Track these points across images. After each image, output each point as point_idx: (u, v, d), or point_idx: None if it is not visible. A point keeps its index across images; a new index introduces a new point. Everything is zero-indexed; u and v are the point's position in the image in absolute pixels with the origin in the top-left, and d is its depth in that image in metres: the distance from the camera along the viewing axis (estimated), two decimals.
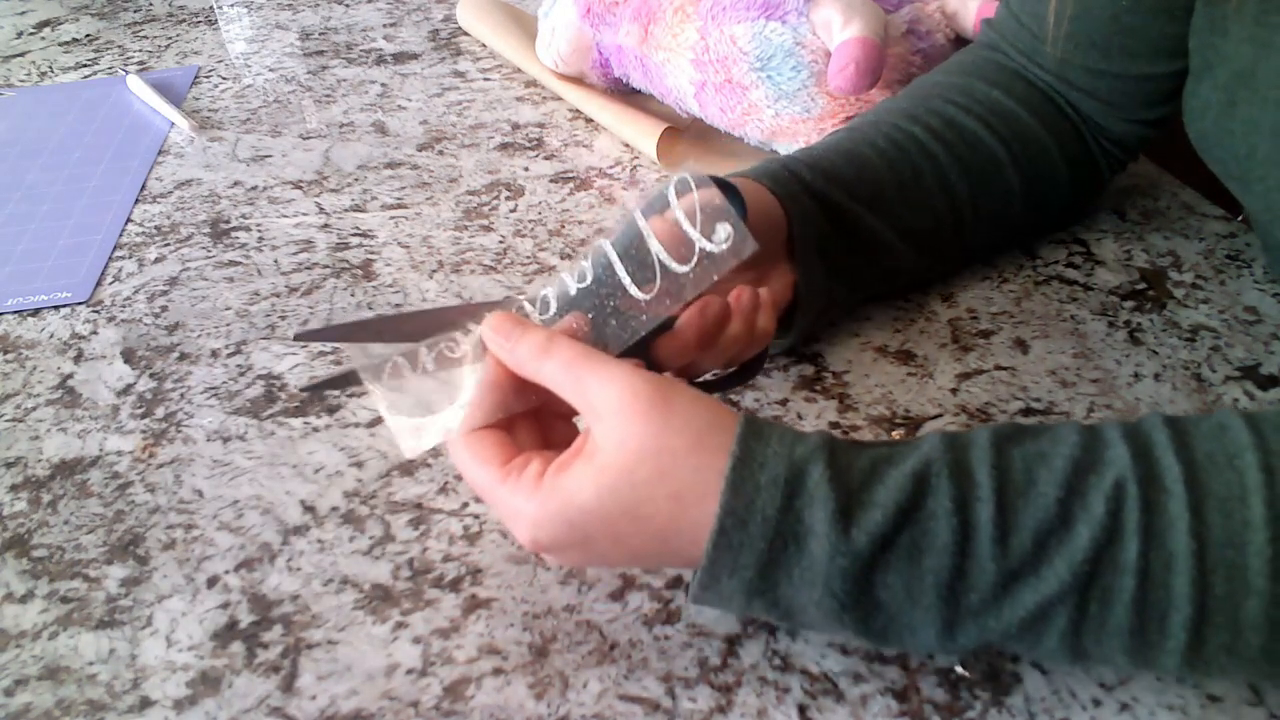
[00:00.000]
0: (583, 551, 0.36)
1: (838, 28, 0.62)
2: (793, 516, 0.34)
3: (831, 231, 0.51)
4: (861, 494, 0.34)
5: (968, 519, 0.33)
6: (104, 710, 0.39)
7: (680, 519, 0.34)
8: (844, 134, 0.57)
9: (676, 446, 0.34)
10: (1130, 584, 0.33)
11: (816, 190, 0.51)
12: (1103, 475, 0.34)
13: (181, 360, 0.56)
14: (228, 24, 0.99)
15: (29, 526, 0.47)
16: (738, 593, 0.35)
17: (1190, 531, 0.32)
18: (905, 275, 0.57)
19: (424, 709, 0.39)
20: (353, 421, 0.52)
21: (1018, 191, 0.57)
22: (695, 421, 0.35)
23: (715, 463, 0.34)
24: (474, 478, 0.38)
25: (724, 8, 0.67)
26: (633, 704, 0.38)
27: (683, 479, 0.34)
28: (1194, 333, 0.55)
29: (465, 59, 0.89)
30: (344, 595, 0.43)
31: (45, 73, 0.91)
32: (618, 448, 0.34)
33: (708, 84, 0.68)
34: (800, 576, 0.34)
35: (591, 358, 0.36)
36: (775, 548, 0.34)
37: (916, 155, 0.55)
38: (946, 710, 0.38)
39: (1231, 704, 0.38)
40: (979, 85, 0.59)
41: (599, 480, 0.35)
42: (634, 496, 0.34)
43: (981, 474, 0.34)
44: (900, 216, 0.54)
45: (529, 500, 0.36)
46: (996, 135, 0.57)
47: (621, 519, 0.35)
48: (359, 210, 0.69)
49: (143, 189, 0.72)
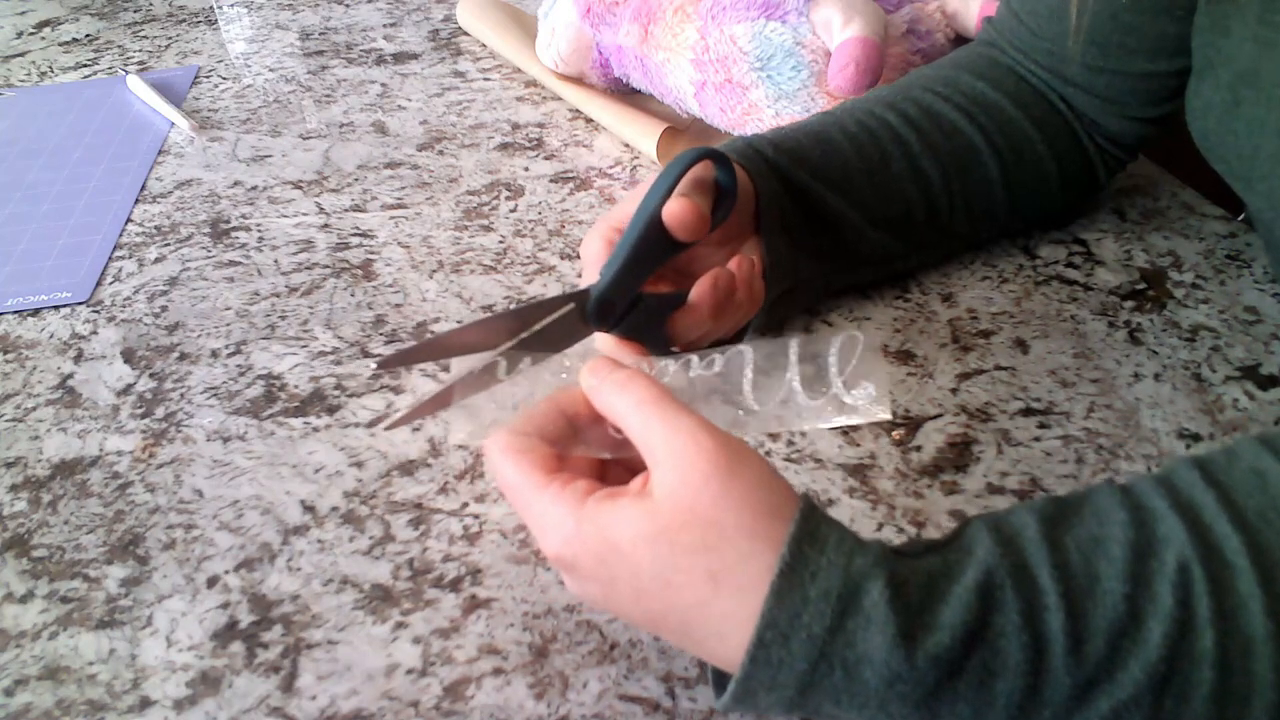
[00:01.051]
0: (603, 591, 0.34)
1: (838, 27, 0.62)
2: (843, 639, 0.30)
3: (795, 209, 0.52)
4: (924, 615, 0.30)
5: (1039, 631, 0.30)
6: (104, 710, 0.39)
7: (710, 604, 0.32)
8: (815, 118, 0.57)
9: (728, 524, 0.32)
10: (1209, 676, 0.30)
11: (779, 168, 0.52)
12: (1164, 559, 0.31)
13: (181, 360, 0.56)
14: (228, 24, 0.99)
15: (29, 526, 0.47)
16: (776, 707, 0.32)
17: (1266, 611, 0.30)
18: (880, 260, 0.57)
19: (424, 709, 0.39)
20: (353, 421, 0.52)
21: (999, 181, 0.58)
22: (755, 502, 0.32)
23: (764, 556, 0.31)
24: (511, 480, 0.35)
25: (724, 8, 0.67)
26: (633, 704, 0.38)
27: (726, 561, 0.31)
28: (1194, 333, 0.55)
29: (465, 59, 0.89)
30: (344, 595, 0.43)
31: (45, 73, 0.91)
32: (670, 500, 0.32)
33: (708, 84, 0.68)
34: (850, 702, 0.31)
35: (665, 402, 0.34)
36: (820, 670, 0.31)
37: (887, 140, 0.55)
38: None
39: None
40: (965, 77, 0.59)
41: (641, 527, 0.32)
42: (670, 559, 0.32)
43: (1044, 577, 0.31)
44: (867, 200, 0.54)
45: (569, 515, 0.33)
46: (976, 124, 0.57)
47: (651, 578, 0.32)
48: (359, 210, 0.69)
49: (143, 189, 0.72)
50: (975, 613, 0.30)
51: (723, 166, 0.47)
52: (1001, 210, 0.59)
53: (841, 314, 0.57)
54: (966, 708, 0.31)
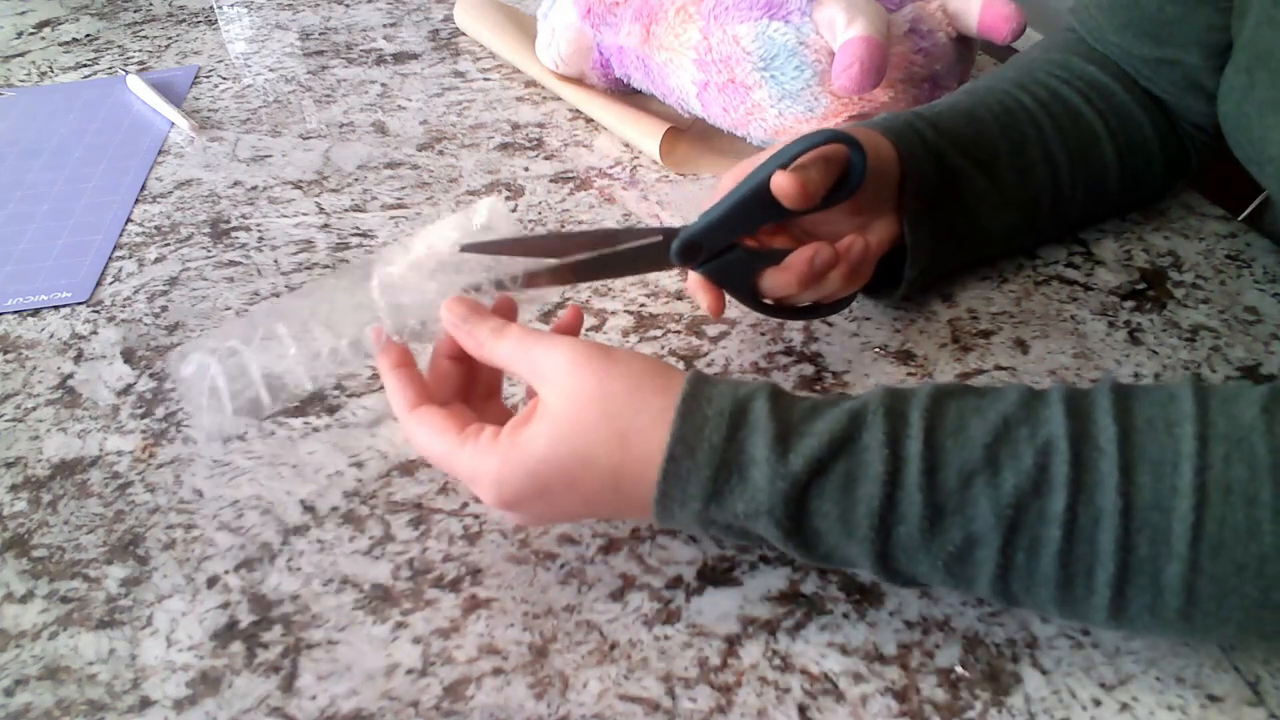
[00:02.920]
0: (545, 503, 0.39)
1: (841, 27, 0.62)
2: (735, 446, 0.36)
3: (943, 188, 0.53)
4: (800, 425, 0.36)
5: (898, 452, 0.35)
6: (104, 710, 0.39)
7: (626, 458, 0.37)
8: (962, 95, 0.58)
9: (618, 390, 0.37)
10: (1056, 535, 0.34)
11: (935, 147, 0.53)
12: (1035, 431, 0.35)
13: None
14: (228, 24, 0.99)
15: (29, 526, 0.47)
16: (693, 522, 0.38)
17: (1118, 490, 0.34)
18: (1002, 242, 0.58)
19: (424, 709, 0.39)
20: (353, 421, 0.52)
21: (1114, 165, 0.59)
22: (635, 370, 0.38)
23: (656, 401, 0.37)
24: (432, 447, 0.40)
25: (726, 7, 0.67)
26: (633, 704, 0.38)
27: (625, 419, 0.37)
28: (1194, 333, 0.55)
29: (465, 59, 0.89)
30: (344, 595, 0.43)
31: (45, 73, 0.91)
32: (567, 400, 0.37)
33: (710, 84, 0.68)
34: (745, 506, 0.36)
35: (539, 334, 0.40)
36: (720, 476, 0.36)
37: (1025, 122, 0.57)
38: (946, 710, 0.38)
39: (1231, 704, 0.38)
40: (1076, 61, 0.60)
41: (551, 431, 0.37)
42: (582, 440, 0.37)
43: (914, 416, 0.36)
44: (1008, 181, 0.55)
45: (491, 457, 0.38)
46: (1095, 109, 0.58)
47: (574, 463, 0.37)
48: (359, 210, 0.69)
49: (143, 189, 0.72)
50: (844, 427, 0.36)
51: (857, 151, 0.48)
52: (1112, 194, 0.60)
53: (841, 313, 0.57)
54: (834, 509, 0.36)
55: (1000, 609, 0.41)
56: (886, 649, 0.40)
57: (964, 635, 0.40)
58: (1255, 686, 0.38)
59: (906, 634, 0.41)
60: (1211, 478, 0.33)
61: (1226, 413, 0.34)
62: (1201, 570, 0.33)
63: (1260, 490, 0.33)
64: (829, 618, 0.41)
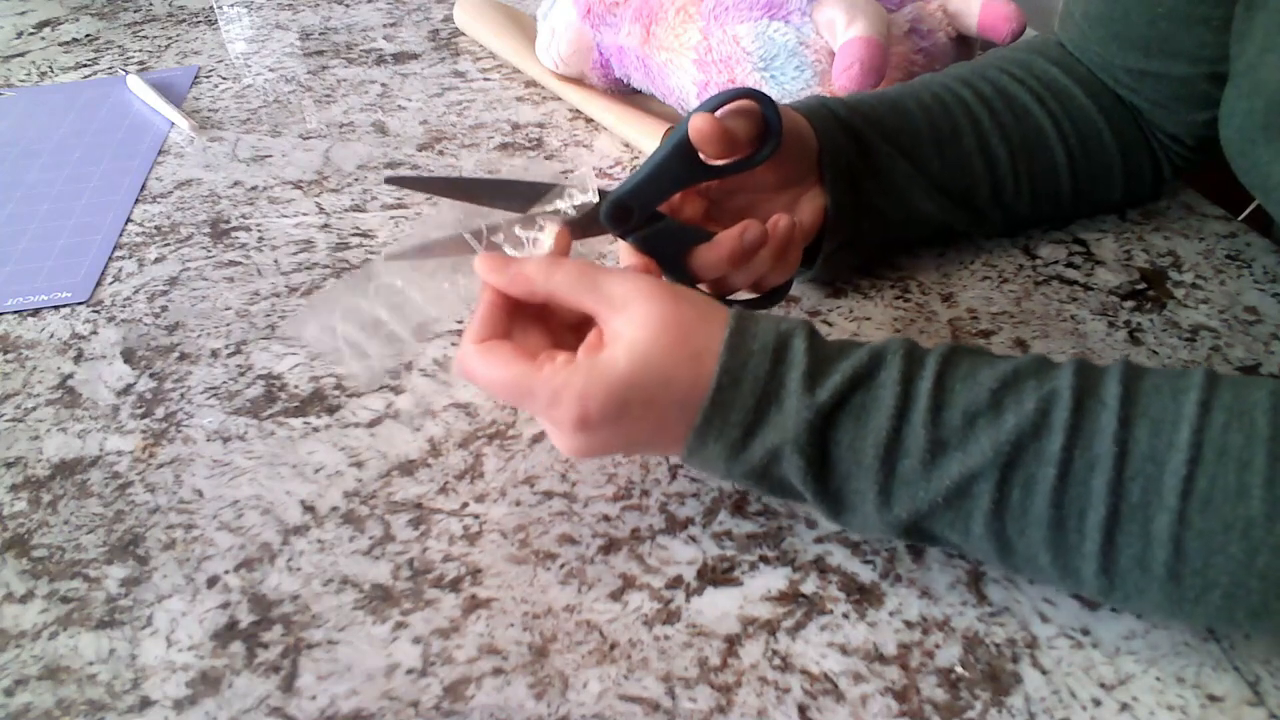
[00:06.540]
0: (617, 426, 0.39)
1: (841, 27, 0.62)
2: (777, 380, 0.39)
3: (862, 166, 0.53)
4: (828, 364, 0.39)
5: (909, 391, 0.38)
6: (104, 710, 0.39)
7: (699, 376, 0.39)
8: (894, 87, 0.59)
9: (690, 315, 0.39)
10: (1050, 474, 0.35)
11: (849, 124, 0.53)
12: (1041, 383, 0.37)
13: (181, 360, 0.56)
14: (228, 24, 0.99)
15: (29, 526, 0.47)
16: (721, 457, 0.40)
17: (1115, 438, 0.35)
18: (937, 223, 0.58)
19: (424, 709, 0.39)
20: (353, 421, 0.52)
21: (1064, 166, 0.59)
22: (699, 299, 0.41)
23: (718, 330, 0.39)
24: (503, 378, 0.40)
25: (727, 8, 0.67)
26: (633, 704, 0.38)
27: (699, 340, 0.39)
28: (1194, 333, 0.55)
29: (465, 59, 0.89)
30: (344, 595, 0.43)
31: (45, 73, 0.91)
32: (643, 324, 0.39)
33: (711, 84, 0.68)
34: (777, 436, 0.38)
35: (600, 266, 0.41)
36: (761, 406, 0.39)
37: (959, 115, 0.57)
38: (946, 710, 0.38)
39: (1231, 704, 0.38)
40: (1039, 61, 0.61)
41: (630, 353, 0.38)
42: (662, 361, 0.38)
43: (930, 360, 0.38)
44: (934, 169, 0.56)
45: (575, 374, 0.38)
46: (1046, 109, 0.58)
47: (654, 383, 0.39)
48: (359, 210, 0.69)
49: (143, 189, 0.72)
50: (865, 366, 0.38)
51: (770, 108, 0.48)
52: (1065, 195, 0.60)
53: (841, 314, 0.57)
54: (846, 437, 0.38)
55: (1000, 609, 0.41)
56: (886, 649, 0.40)
57: (964, 635, 0.40)
58: (1255, 686, 0.38)
59: (906, 634, 0.41)
60: (1208, 438, 0.34)
61: (1234, 390, 0.36)
62: (1190, 524, 0.34)
63: (1255, 457, 0.34)
64: (829, 618, 0.41)
